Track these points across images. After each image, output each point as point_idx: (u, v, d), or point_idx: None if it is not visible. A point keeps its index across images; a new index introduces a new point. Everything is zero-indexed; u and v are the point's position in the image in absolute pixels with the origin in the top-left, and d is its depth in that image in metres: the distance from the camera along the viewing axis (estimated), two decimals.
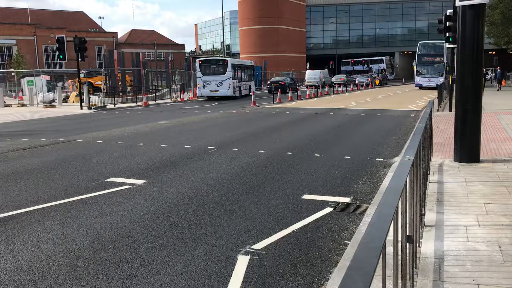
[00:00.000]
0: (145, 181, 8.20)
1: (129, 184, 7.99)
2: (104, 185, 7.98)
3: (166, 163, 9.87)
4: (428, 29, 78.77)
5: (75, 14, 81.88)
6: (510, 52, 46.79)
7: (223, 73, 34.46)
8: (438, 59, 43.40)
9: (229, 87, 34.25)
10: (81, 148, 12.22)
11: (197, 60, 36.32)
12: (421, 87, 43.66)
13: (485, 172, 7.74)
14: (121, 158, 10.51)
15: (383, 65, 71.93)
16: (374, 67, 72.35)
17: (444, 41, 37.51)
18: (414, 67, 45.83)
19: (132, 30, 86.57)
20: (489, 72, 54.30)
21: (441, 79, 38.76)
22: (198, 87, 35.22)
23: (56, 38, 27.91)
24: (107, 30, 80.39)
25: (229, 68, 34.65)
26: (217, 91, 34.35)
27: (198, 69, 35.23)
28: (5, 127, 18.53)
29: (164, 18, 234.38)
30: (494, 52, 54.44)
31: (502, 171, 7.75)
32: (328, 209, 6.37)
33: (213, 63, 35.48)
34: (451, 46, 18.87)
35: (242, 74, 38.49)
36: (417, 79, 44.42)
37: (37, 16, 70.05)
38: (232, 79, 34.77)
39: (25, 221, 6.12)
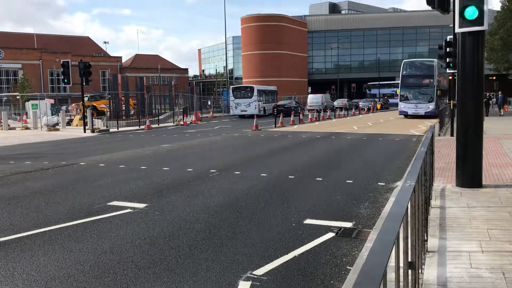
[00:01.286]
0: (146, 204, 8.19)
1: (131, 208, 7.98)
2: (105, 208, 7.97)
3: (168, 186, 9.87)
4: (429, 54, 79.36)
5: (81, 39, 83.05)
6: (511, 78, 46.94)
7: (251, 97, 43.65)
8: (426, 81, 35.71)
9: (255, 108, 42.73)
10: (84, 172, 12.24)
11: (231, 87, 47.38)
12: (406, 116, 36.50)
13: (487, 197, 7.70)
14: (123, 182, 10.51)
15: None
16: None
17: (435, 60, 33.89)
18: (398, 91, 38.19)
19: (136, 54, 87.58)
20: (492, 96, 49.54)
21: (431, 106, 34.45)
22: (231, 108, 44.61)
23: (61, 62, 28.27)
24: (111, 55, 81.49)
25: (255, 92, 43.96)
26: (246, 110, 42.91)
27: (231, 94, 44.98)
28: (8, 150, 18.61)
29: (168, 43, 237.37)
30: (494, 78, 54.72)
31: (505, 196, 7.72)
32: (330, 234, 6.33)
33: (242, 89, 45.30)
34: (452, 71, 19.05)
35: (266, 97, 47.99)
36: (401, 106, 36.78)
37: (43, 41, 71.02)
38: (258, 101, 43.84)
39: (26, 245, 6.10)
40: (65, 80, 27.57)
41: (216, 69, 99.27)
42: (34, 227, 6.91)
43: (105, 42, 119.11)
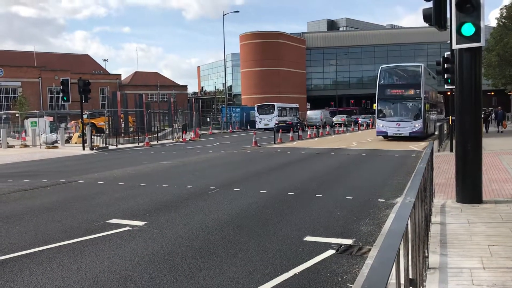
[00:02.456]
0: (145, 222, 8.15)
1: (130, 225, 7.93)
2: (104, 226, 7.92)
3: (167, 204, 9.83)
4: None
5: (80, 57, 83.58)
6: (509, 93, 47.14)
7: (272, 113, 51.24)
8: (411, 91, 28.38)
9: None
10: (82, 189, 12.20)
11: (256, 105, 55.25)
12: (386, 137, 29.14)
13: (488, 213, 7.68)
14: (122, 199, 10.47)
15: None
16: None
17: (421, 64, 28.54)
18: (375, 105, 30.66)
19: (135, 72, 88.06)
20: (491, 111, 46.21)
21: (418, 125, 27.75)
22: (256, 122, 52.55)
23: (61, 80, 28.35)
24: (111, 72, 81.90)
25: (275, 109, 51.43)
26: (268, 124, 49.41)
27: (256, 111, 53.16)
28: (7, 168, 18.57)
29: (167, 60, 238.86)
30: (493, 93, 55.05)
31: (505, 212, 7.69)
32: (331, 251, 6.29)
33: (265, 106, 53.10)
34: (450, 87, 19.15)
35: (287, 113, 53.74)
36: (379, 124, 29.09)
37: (43, 59, 71.43)
38: (278, 117, 49.95)
39: (24, 264, 6.05)
40: (65, 98, 27.65)
41: (215, 86, 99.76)
42: (32, 245, 6.86)
43: (104, 60, 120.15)
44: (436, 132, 29.93)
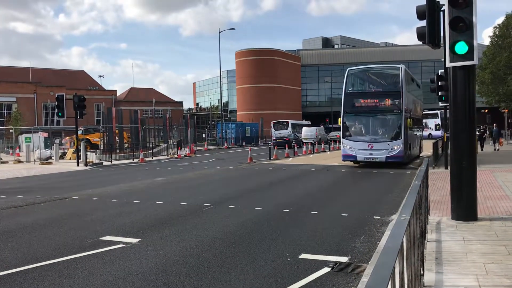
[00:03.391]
0: (139, 239, 8.07)
1: (123, 243, 7.85)
2: (97, 244, 7.84)
3: (161, 221, 9.75)
4: (422, 87, 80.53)
5: (76, 73, 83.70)
6: (503, 111, 47.50)
7: (286, 129, 56.58)
8: (388, 102, 21.61)
9: None
10: (76, 206, 12.11)
11: (272, 122, 61.01)
12: (356, 162, 22.97)
13: (483, 230, 7.67)
14: (115, 216, 10.39)
15: (438, 120, 57.41)
16: (430, 122, 60.39)
17: (402, 66, 21.87)
18: (340, 120, 22.85)
19: (131, 88, 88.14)
20: (486, 128, 44.41)
21: (398, 147, 21.03)
22: (272, 137, 54.32)
23: (56, 96, 28.34)
24: (107, 88, 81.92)
25: (290, 126, 57.30)
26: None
27: (272, 127, 59.24)
28: (0, 184, 18.42)
29: (163, 76, 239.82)
30: (487, 110, 55.39)
31: (501, 230, 7.69)
32: (326, 269, 6.24)
33: (280, 123, 59.20)
34: (444, 104, 19.28)
35: (299, 129, 57.31)
36: (346, 146, 22.32)
37: (39, 74, 71.50)
38: (293, 132, 54.13)
39: (15, 281, 5.96)
40: (59, 114, 27.59)
41: (210, 102, 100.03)
42: (24, 263, 6.77)
43: (100, 76, 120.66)
44: (424, 153, 29.60)
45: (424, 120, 48.37)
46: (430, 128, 60.33)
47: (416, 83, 29.20)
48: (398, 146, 21.02)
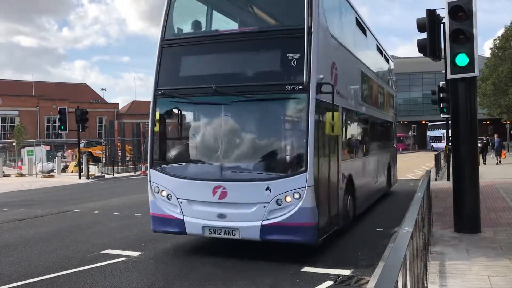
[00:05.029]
0: (141, 253, 8.04)
1: (125, 256, 7.82)
2: (99, 257, 7.81)
3: (163, 234, 9.68)
4: (423, 99, 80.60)
5: (78, 86, 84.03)
6: (504, 122, 47.44)
7: None
8: (272, 65, 7.66)
9: None
10: (78, 219, 12.08)
11: None
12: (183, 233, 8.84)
13: (486, 243, 7.61)
14: (117, 229, 10.36)
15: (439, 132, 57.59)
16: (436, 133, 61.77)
17: None
18: (157, 115, 8.55)
19: (133, 101, 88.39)
20: (489, 140, 41.20)
21: (298, 195, 6.91)
22: None
23: (58, 109, 28.43)
24: (109, 101, 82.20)
25: None
26: None
27: None
28: (2, 197, 18.40)
29: None
30: (488, 122, 55.36)
31: (505, 242, 7.62)
32: (329, 282, 6.19)
33: None
34: (446, 116, 19.26)
35: None
36: (157, 187, 7.92)
37: (41, 88, 71.77)
38: None
39: None
40: (62, 127, 27.66)
41: None
42: (25, 277, 6.73)
43: (102, 89, 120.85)
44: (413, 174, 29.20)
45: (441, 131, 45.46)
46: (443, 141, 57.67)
47: (366, 26, 12.70)
48: (299, 195, 7.03)
